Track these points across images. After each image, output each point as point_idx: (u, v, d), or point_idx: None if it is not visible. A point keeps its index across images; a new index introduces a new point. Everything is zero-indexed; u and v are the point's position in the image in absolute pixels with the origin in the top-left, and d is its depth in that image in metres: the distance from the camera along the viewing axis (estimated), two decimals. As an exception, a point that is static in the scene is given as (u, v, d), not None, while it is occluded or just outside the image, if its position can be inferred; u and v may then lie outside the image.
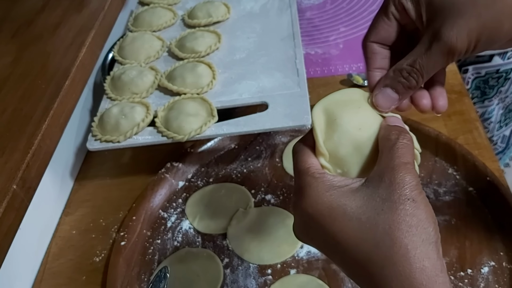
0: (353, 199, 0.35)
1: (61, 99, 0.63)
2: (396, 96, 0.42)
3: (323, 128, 0.40)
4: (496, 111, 1.15)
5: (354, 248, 0.34)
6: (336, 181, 0.37)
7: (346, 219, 0.35)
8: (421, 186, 0.36)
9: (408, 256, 0.32)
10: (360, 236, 0.34)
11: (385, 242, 0.33)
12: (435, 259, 0.33)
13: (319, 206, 0.36)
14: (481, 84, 1.11)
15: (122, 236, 0.71)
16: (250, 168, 0.81)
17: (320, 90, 0.93)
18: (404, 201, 0.34)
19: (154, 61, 0.87)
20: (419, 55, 0.40)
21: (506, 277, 0.63)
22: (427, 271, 0.32)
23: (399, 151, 0.37)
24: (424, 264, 0.32)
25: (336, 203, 0.35)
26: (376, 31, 0.43)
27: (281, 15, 0.93)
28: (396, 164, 0.36)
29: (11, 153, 0.56)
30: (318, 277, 0.65)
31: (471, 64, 1.07)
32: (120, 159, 0.87)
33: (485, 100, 1.13)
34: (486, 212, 0.70)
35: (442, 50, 0.38)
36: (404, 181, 0.35)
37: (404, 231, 0.33)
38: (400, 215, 0.33)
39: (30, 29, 0.74)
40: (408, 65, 0.40)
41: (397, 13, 0.42)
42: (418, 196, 0.35)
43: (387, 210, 0.34)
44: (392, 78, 0.41)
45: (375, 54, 0.44)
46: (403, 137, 0.38)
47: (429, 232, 0.34)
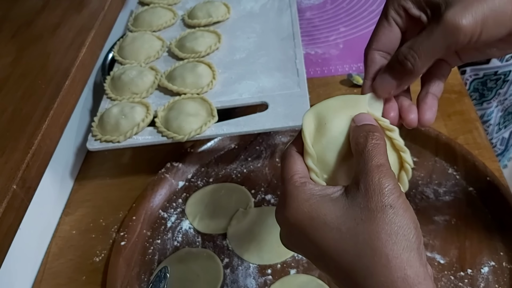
0: (333, 209, 0.35)
1: (61, 99, 0.63)
2: (393, 81, 0.41)
3: (313, 131, 0.40)
4: (495, 113, 1.15)
5: (337, 258, 0.34)
6: (316, 190, 0.37)
7: (327, 230, 0.35)
8: (399, 188, 0.35)
9: (389, 266, 0.32)
10: (341, 247, 0.34)
11: (366, 252, 0.33)
12: (417, 267, 0.32)
13: (299, 215, 0.36)
14: (479, 86, 1.10)
15: (122, 236, 0.71)
16: (250, 168, 0.81)
17: (320, 90, 0.93)
18: (382, 208, 0.33)
19: (154, 61, 0.87)
20: (419, 38, 0.39)
21: (506, 277, 0.63)
22: (409, 280, 0.32)
23: (369, 153, 0.36)
24: (405, 273, 0.32)
25: (316, 213, 0.35)
26: (377, 38, 0.43)
27: (281, 15, 0.93)
28: (369, 169, 0.35)
29: (11, 153, 0.56)
30: (318, 277, 0.65)
31: (469, 65, 1.07)
32: (120, 159, 0.87)
33: (483, 103, 1.13)
34: (486, 212, 0.70)
35: (444, 30, 0.37)
36: (380, 186, 0.34)
37: (383, 240, 0.32)
38: (379, 224, 0.33)
39: (30, 29, 0.74)
40: (406, 47, 0.39)
41: (397, 17, 0.42)
42: (396, 201, 0.34)
43: (365, 220, 0.33)
44: (389, 63, 0.41)
45: (374, 63, 0.43)
46: (372, 137, 0.37)
47: (410, 239, 0.33)
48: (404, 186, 0.39)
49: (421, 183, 0.74)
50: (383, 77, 0.41)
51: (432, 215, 0.70)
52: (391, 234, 0.33)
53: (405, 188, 0.39)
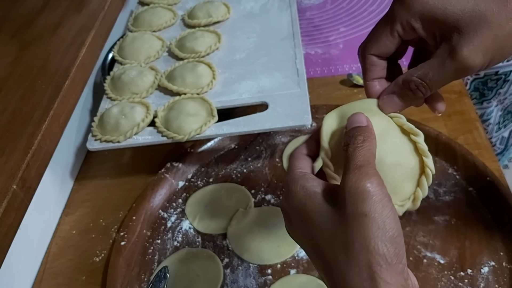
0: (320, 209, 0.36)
1: (61, 99, 0.63)
2: (401, 104, 0.43)
3: (334, 127, 0.41)
4: (495, 112, 1.15)
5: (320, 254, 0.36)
6: (310, 185, 0.38)
7: (313, 227, 0.36)
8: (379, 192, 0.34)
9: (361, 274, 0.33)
10: (323, 247, 0.36)
11: (341, 257, 0.34)
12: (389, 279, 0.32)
13: (295, 200, 0.38)
14: (480, 86, 1.10)
15: (122, 236, 0.71)
16: (250, 168, 0.81)
17: (320, 90, 0.93)
18: (356, 216, 0.33)
19: (154, 61, 0.87)
20: (431, 69, 0.40)
21: (506, 277, 0.63)
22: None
23: (350, 155, 0.36)
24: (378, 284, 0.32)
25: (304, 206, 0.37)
26: (377, 45, 0.43)
27: (281, 15, 0.93)
28: (347, 172, 0.35)
29: (11, 153, 0.56)
30: (318, 277, 0.65)
31: None
32: (120, 159, 0.87)
33: (483, 102, 1.13)
34: (486, 212, 0.70)
35: (456, 68, 0.39)
36: (356, 191, 0.34)
37: (356, 250, 0.33)
38: (353, 232, 0.33)
39: (30, 29, 0.74)
40: (417, 78, 0.41)
41: (402, 32, 0.42)
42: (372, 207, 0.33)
43: (343, 225, 0.34)
44: (400, 87, 0.42)
45: (374, 66, 0.44)
46: (354, 140, 0.37)
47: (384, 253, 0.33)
48: (424, 191, 0.40)
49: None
50: (392, 98, 0.43)
51: (432, 215, 0.70)
52: (362, 246, 0.33)
53: (424, 193, 0.40)
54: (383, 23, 0.43)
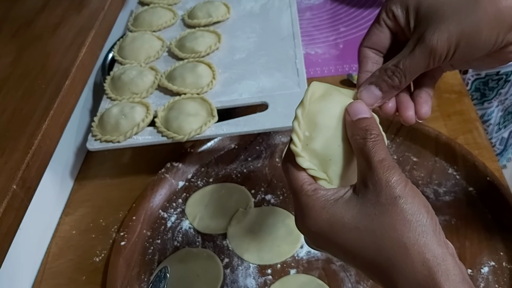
0: (348, 210, 0.37)
1: (61, 99, 0.63)
2: (379, 93, 0.43)
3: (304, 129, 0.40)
4: (496, 113, 1.15)
5: (359, 254, 0.36)
6: (329, 196, 0.38)
7: (346, 231, 0.36)
8: (404, 177, 0.36)
9: (408, 253, 0.34)
10: (362, 244, 0.36)
11: (385, 245, 0.35)
12: (434, 249, 0.34)
13: (319, 224, 0.38)
14: (481, 86, 1.11)
15: (122, 236, 0.71)
16: (250, 168, 0.81)
17: (320, 90, 0.93)
18: (392, 200, 0.35)
19: (154, 61, 0.87)
20: (403, 57, 0.41)
21: (506, 277, 0.63)
22: (429, 263, 0.33)
23: (370, 151, 0.37)
24: (425, 256, 0.34)
25: (334, 218, 0.37)
26: (369, 37, 0.45)
27: (281, 15, 0.93)
28: (373, 166, 0.36)
29: (11, 153, 0.55)
30: (318, 277, 0.65)
31: None
32: (120, 159, 0.87)
33: (484, 102, 1.13)
34: (486, 212, 0.70)
35: (424, 52, 0.40)
36: (386, 180, 0.35)
37: (399, 231, 0.34)
38: (392, 216, 0.35)
39: (30, 29, 0.74)
40: (392, 65, 0.42)
41: (388, 20, 0.44)
42: (403, 190, 0.35)
43: (379, 214, 0.35)
44: (377, 76, 0.43)
45: (366, 58, 0.45)
46: (370, 134, 0.38)
47: (424, 223, 0.34)
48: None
49: (421, 183, 0.74)
50: (369, 89, 0.43)
51: (432, 215, 0.70)
52: (405, 223, 0.34)
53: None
54: (375, 17, 0.45)
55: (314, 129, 0.40)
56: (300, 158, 0.39)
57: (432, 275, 0.33)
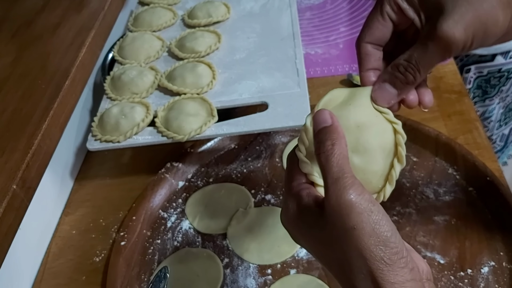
0: (315, 226, 0.37)
1: (61, 99, 0.63)
2: (394, 91, 0.42)
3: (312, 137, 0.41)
4: (497, 110, 1.16)
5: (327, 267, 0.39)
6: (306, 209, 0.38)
7: (312, 244, 0.39)
8: (362, 200, 0.34)
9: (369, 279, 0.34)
10: (326, 261, 0.38)
11: (344, 269, 0.35)
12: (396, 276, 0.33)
13: (291, 224, 0.40)
14: (482, 83, 1.11)
15: (122, 236, 0.71)
16: (250, 168, 0.81)
17: (320, 90, 0.93)
18: (346, 231, 0.34)
19: (154, 61, 0.87)
20: (415, 51, 0.40)
21: (506, 277, 0.63)
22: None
23: (324, 167, 0.36)
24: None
25: (303, 229, 0.39)
26: (370, 32, 0.43)
27: (281, 15, 0.93)
28: (328, 187, 0.35)
29: (11, 153, 0.55)
30: (318, 277, 0.65)
31: (474, 64, 1.07)
32: (120, 159, 0.87)
33: (486, 99, 1.13)
34: (486, 212, 0.70)
35: (439, 45, 0.38)
36: (340, 208, 0.34)
37: (357, 264, 0.34)
38: (350, 247, 0.34)
39: (30, 29, 0.74)
40: (404, 60, 0.40)
41: (392, 13, 0.42)
42: (359, 219, 0.34)
43: (336, 241, 0.35)
44: (390, 73, 0.42)
45: (368, 55, 0.43)
46: (323, 147, 0.37)
47: (385, 254, 0.33)
48: (392, 182, 0.40)
49: (421, 183, 0.74)
50: (384, 87, 0.42)
51: (432, 215, 0.70)
52: (360, 257, 0.33)
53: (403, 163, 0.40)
54: (374, 9, 0.43)
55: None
56: (303, 163, 0.40)
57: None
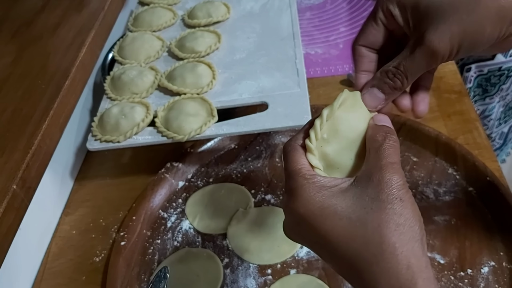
0: (343, 198, 0.36)
1: (61, 99, 0.63)
2: (382, 96, 0.43)
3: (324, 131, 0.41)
4: (497, 108, 1.16)
5: (344, 245, 0.35)
6: (326, 182, 0.38)
7: (337, 218, 0.36)
8: (407, 185, 0.37)
9: (396, 253, 0.34)
10: (350, 234, 0.35)
11: (374, 239, 0.34)
12: (420, 256, 0.34)
13: (310, 206, 0.37)
14: (483, 82, 1.11)
15: (122, 236, 0.71)
16: (250, 168, 0.81)
17: (320, 90, 0.93)
18: (392, 200, 0.35)
19: (154, 61, 0.87)
20: (404, 58, 0.41)
21: (506, 277, 0.63)
22: (413, 267, 0.34)
23: (386, 151, 0.38)
24: (410, 261, 0.34)
25: (327, 203, 0.36)
26: (364, 35, 0.45)
27: (281, 15, 0.93)
28: (384, 164, 0.37)
29: (11, 153, 0.56)
30: (318, 277, 0.65)
31: (474, 63, 1.08)
32: (120, 159, 0.87)
33: (486, 98, 1.14)
34: (486, 212, 0.70)
35: (425, 54, 0.40)
36: (392, 181, 0.36)
37: (392, 230, 0.34)
38: (389, 214, 0.35)
39: (30, 29, 0.74)
40: (393, 67, 0.42)
41: (384, 19, 0.44)
42: (405, 195, 0.36)
43: (376, 209, 0.35)
44: (378, 79, 0.43)
45: (362, 57, 0.45)
46: (390, 138, 0.39)
47: (415, 230, 0.35)
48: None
49: (421, 183, 0.74)
50: (372, 92, 0.44)
51: (432, 215, 0.70)
52: (399, 225, 0.35)
53: None
54: (370, 14, 0.45)
55: (333, 134, 0.40)
56: (311, 155, 0.40)
57: (414, 280, 0.33)
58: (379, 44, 0.45)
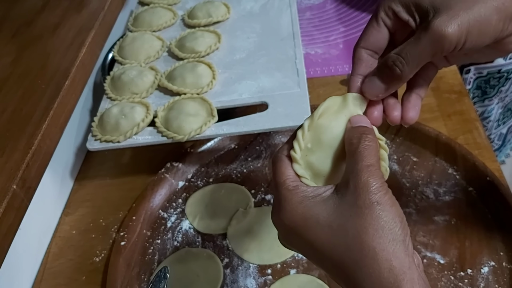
0: (325, 208, 0.37)
1: (61, 99, 0.63)
2: (382, 85, 0.42)
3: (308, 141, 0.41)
4: (496, 110, 1.16)
5: (329, 253, 0.36)
6: (309, 192, 0.38)
7: (319, 228, 0.36)
8: (386, 186, 0.37)
9: (376, 258, 0.34)
10: (332, 242, 0.36)
11: (355, 246, 0.35)
12: (402, 258, 0.34)
13: (294, 218, 0.38)
14: (482, 84, 1.11)
15: (122, 236, 0.71)
16: (250, 168, 0.81)
17: (320, 90, 0.93)
18: (369, 205, 0.35)
19: (154, 61, 0.87)
20: (407, 44, 0.40)
21: (506, 277, 0.63)
22: (395, 270, 0.34)
23: (361, 154, 0.38)
24: (391, 264, 0.34)
25: (309, 213, 0.37)
26: (365, 37, 0.44)
27: (281, 15, 0.93)
28: (359, 168, 0.37)
29: (11, 153, 0.56)
30: (318, 277, 0.65)
31: (473, 65, 1.08)
32: (120, 159, 0.87)
33: (485, 100, 1.14)
34: (486, 212, 0.70)
35: (432, 39, 0.38)
36: (368, 185, 0.36)
37: (371, 235, 0.34)
38: (367, 219, 0.35)
39: (30, 29, 0.74)
40: (394, 53, 0.41)
41: (387, 19, 0.43)
42: (383, 197, 0.36)
43: (354, 216, 0.35)
44: (378, 67, 0.43)
45: (361, 60, 0.44)
46: (365, 138, 0.39)
47: (396, 232, 0.35)
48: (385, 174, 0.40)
49: (421, 183, 0.74)
50: (372, 80, 0.43)
51: (432, 215, 0.70)
52: (378, 229, 0.35)
53: (386, 175, 0.40)
54: (372, 16, 0.44)
55: (317, 144, 0.41)
56: (296, 165, 0.40)
57: (398, 282, 0.33)
58: (381, 46, 0.44)
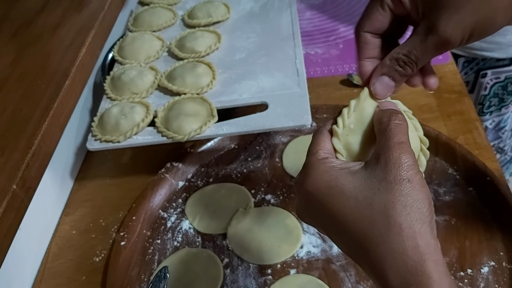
0: (352, 179, 0.37)
1: (61, 99, 0.63)
2: (392, 83, 0.43)
3: (351, 122, 0.42)
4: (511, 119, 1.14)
5: (351, 225, 0.36)
6: (337, 164, 0.38)
7: (344, 198, 0.36)
8: (417, 166, 0.36)
9: (402, 234, 0.34)
10: (356, 215, 0.35)
11: (380, 220, 0.34)
12: (428, 238, 0.34)
13: (318, 184, 0.37)
14: (499, 91, 1.08)
15: (122, 236, 0.71)
16: (250, 168, 0.81)
17: (320, 90, 0.93)
18: (400, 181, 0.35)
19: (154, 61, 0.87)
20: (414, 47, 0.41)
21: (506, 277, 0.63)
22: (420, 249, 0.33)
23: (392, 131, 0.38)
24: (417, 242, 0.33)
25: (334, 182, 0.37)
26: (370, 22, 0.44)
27: (281, 15, 0.93)
28: (390, 145, 0.37)
29: (11, 153, 0.55)
30: (318, 277, 0.65)
31: (491, 68, 1.05)
32: (120, 159, 0.87)
33: (502, 108, 1.11)
34: (486, 212, 0.70)
35: (437, 43, 0.40)
36: (400, 161, 0.36)
37: (398, 211, 0.34)
38: (396, 195, 0.35)
39: (30, 29, 0.74)
40: (404, 55, 0.41)
41: (392, 5, 0.43)
42: (414, 176, 0.35)
43: (383, 190, 0.35)
44: (389, 66, 0.43)
45: (367, 44, 0.45)
46: (395, 117, 0.39)
47: (423, 213, 0.35)
48: (422, 167, 0.42)
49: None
50: (383, 80, 0.43)
51: (432, 215, 0.70)
52: (406, 206, 0.34)
53: (423, 168, 0.41)
54: (374, 0, 0.44)
55: (360, 127, 0.41)
56: (336, 139, 0.40)
57: (422, 262, 0.33)
58: (384, 29, 0.44)
